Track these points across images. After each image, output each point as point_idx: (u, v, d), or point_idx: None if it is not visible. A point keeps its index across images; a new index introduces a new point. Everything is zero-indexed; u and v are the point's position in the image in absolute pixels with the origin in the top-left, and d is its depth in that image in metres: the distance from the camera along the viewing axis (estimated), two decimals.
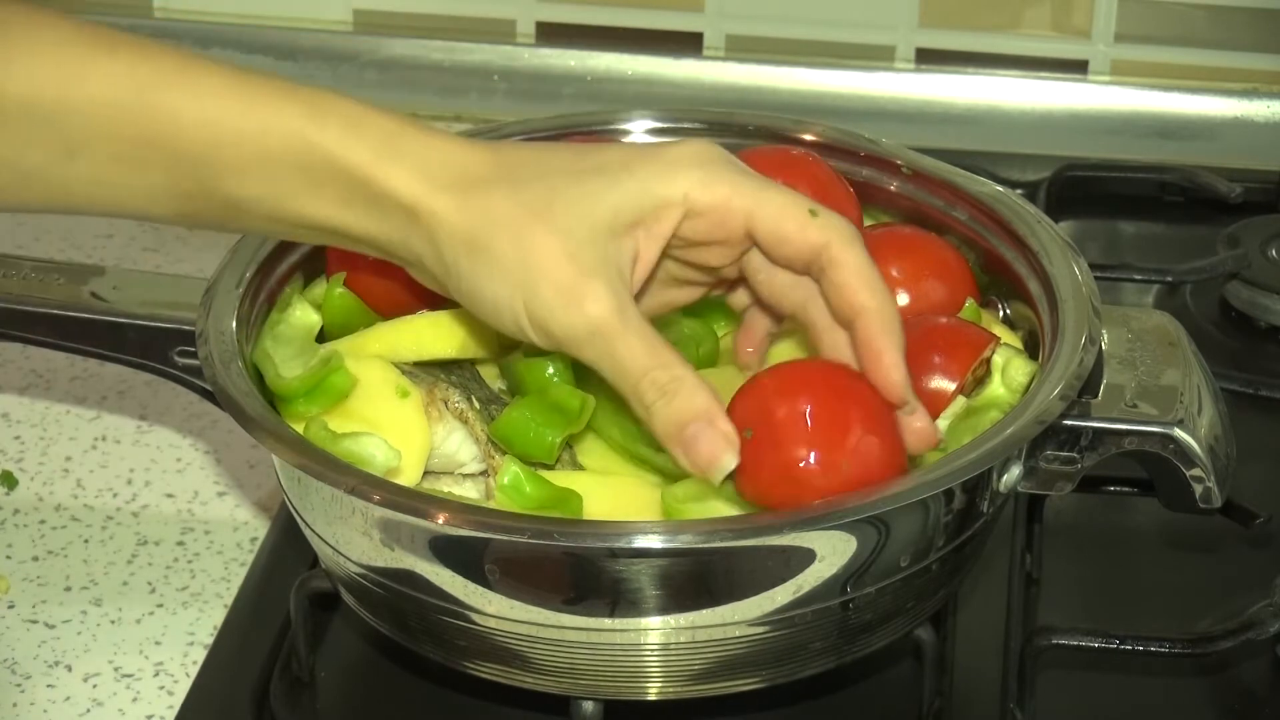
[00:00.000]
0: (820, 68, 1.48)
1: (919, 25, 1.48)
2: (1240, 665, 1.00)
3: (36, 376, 1.24)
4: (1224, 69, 1.46)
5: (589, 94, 1.49)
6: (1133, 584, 1.06)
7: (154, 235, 1.37)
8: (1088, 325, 0.95)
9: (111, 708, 1.01)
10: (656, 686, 0.92)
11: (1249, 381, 1.19)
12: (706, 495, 0.90)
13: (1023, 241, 1.02)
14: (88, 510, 1.14)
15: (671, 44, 1.50)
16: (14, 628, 1.06)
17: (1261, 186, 1.36)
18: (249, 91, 0.88)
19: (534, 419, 0.94)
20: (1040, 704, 0.97)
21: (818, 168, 1.06)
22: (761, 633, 0.89)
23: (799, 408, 0.88)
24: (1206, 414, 0.96)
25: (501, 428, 0.95)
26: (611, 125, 1.11)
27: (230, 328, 0.97)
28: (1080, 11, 1.46)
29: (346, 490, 0.89)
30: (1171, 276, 1.25)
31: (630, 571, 0.87)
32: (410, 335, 1.00)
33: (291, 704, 0.98)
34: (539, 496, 0.92)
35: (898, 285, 1.01)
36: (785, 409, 0.88)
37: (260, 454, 1.16)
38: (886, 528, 0.88)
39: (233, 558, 1.10)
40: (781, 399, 0.89)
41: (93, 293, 1.05)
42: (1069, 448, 0.94)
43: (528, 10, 1.52)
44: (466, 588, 0.89)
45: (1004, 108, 1.46)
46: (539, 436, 0.95)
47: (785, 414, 0.88)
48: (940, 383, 0.96)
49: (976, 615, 1.02)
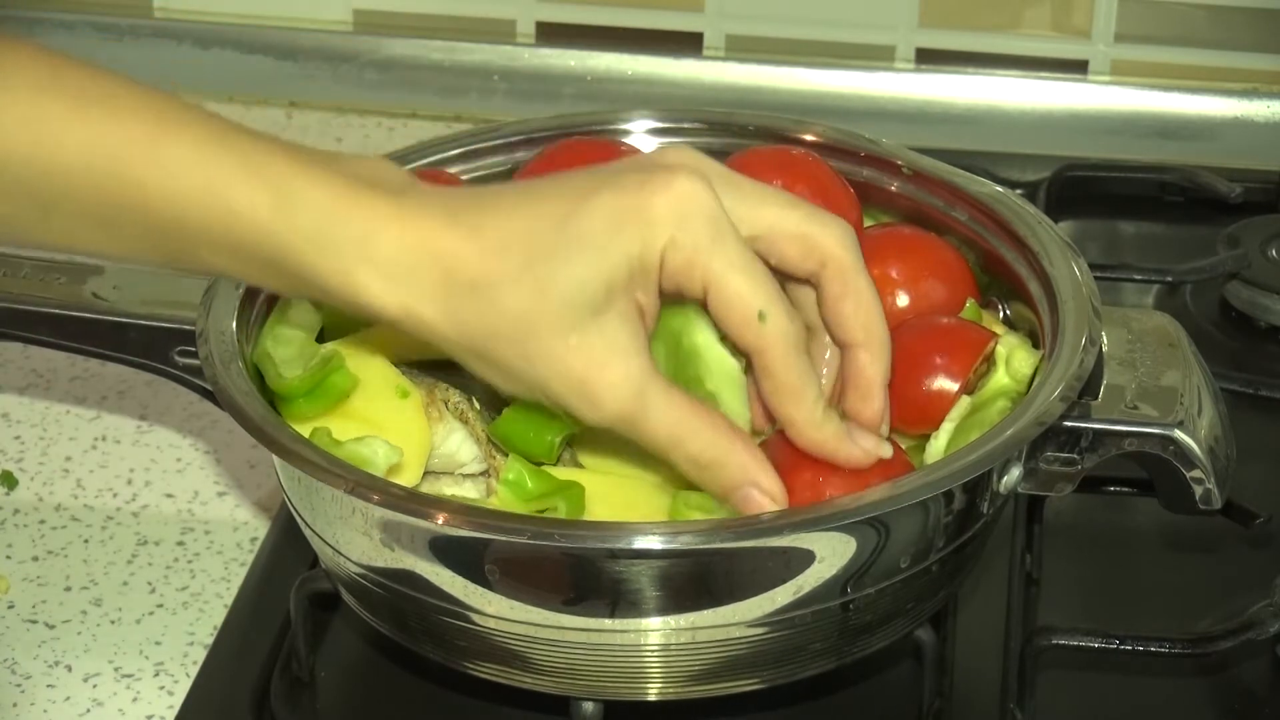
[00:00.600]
0: (820, 68, 1.48)
1: (919, 25, 1.48)
2: (1240, 665, 1.00)
3: (36, 376, 1.24)
4: (1224, 69, 1.46)
5: (589, 94, 1.48)
6: (1133, 584, 1.06)
7: None
8: (1088, 326, 0.95)
9: (111, 708, 1.01)
10: (656, 687, 0.92)
11: (1249, 381, 1.19)
12: (717, 508, 0.90)
13: (1023, 241, 1.02)
14: (88, 510, 1.14)
15: (671, 44, 1.50)
16: (14, 628, 1.06)
17: (1261, 186, 1.36)
18: (215, 169, 0.83)
19: (533, 419, 0.94)
20: (1040, 704, 0.97)
21: (818, 168, 1.06)
22: (761, 633, 0.89)
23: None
24: (1206, 415, 0.96)
25: (501, 427, 0.95)
26: (611, 125, 1.11)
27: (230, 328, 0.97)
28: (1080, 11, 1.46)
29: (346, 490, 0.89)
30: (1171, 276, 1.25)
31: (630, 572, 0.87)
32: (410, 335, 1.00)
33: (291, 704, 0.98)
34: (541, 490, 0.92)
35: (898, 285, 1.01)
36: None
37: (260, 454, 1.16)
38: (886, 529, 0.88)
39: (233, 558, 1.10)
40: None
41: (93, 293, 1.05)
42: (1069, 449, 0.94)
43: (528, 10, 1.52)
44: (466, 588, 0.89)
45: (1004, 108, 1.46)
46: (538, 436, 0.95)
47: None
48: (943, 383, 0.96)
49: (976, 615, 1.02)
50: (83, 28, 1.53)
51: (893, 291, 1.01)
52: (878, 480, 0.89)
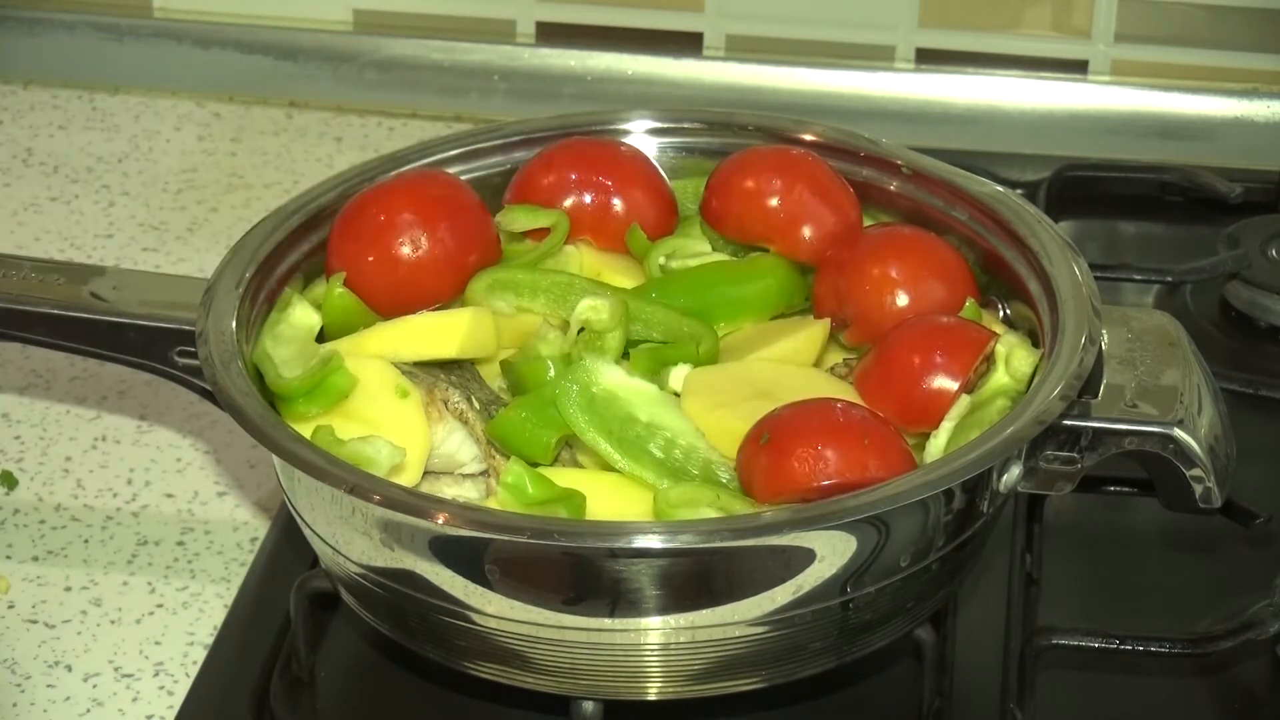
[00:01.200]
0: (820, 68, 1.48)
1: (919, 25, 1.48)
2: (1240, 665, 1.00)
3: (36, 376, 1.24)
4: (1224, 69, 1.46)
5: (589, 94, 1.48)
6: (1133, 584, 1.06)
7: (154, 235, 1.37)
8: (1088, 325, 0.95)
9: (111, 708, 1.01)
10: (656, 686, 0.92)
11: (1249, 381, 1.19)
12: (698, 501, 0.91)
13: (1023, 241, 1.02)
14: (88, 510, 1.14)
15: (671, 44, 1.50)
16: (14, 628, 1.06)
17: (1261, 186, 1.36)
18: None
19: (531, 419, 0.94)
20: (1040, 704, 0.97)
21: (818, 168, 1.06)
22: (761, 633, 0.89)
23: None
24: (1206, 414, 0.96)
25: (498, 427, 0.95)
26: (611, 125, 1.11)
27: (230, 328, 0.97)
28: (1080, 11, 1.46)
29: (346, 490, 0.89)
30: (1171, 276, 1.25)
31: (630, 572, 0.87)
32: (410, 335, 1.00)
33: (291, 704, 0.98)
34: (541, 496, 0.92)
35: (898, 285, 1.01)
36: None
37: (260, 454, 1.16)
38: (886, 527, 0.88)
39: (233, 558, 1.10)
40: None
41: (93, 293, 1.05)
42: (1069, 448, 0.94)
43: (528, 10, 1.52)
44: (466, 588, 0.89)
45: (1004, 108, 1.46)
46: (535, 436, 0.95)
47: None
48: (944, 382, 0.96)
49: (976, 615, 1.02)
50: (83, 28, 1.53)
51: (893, 291, 1.01)
52: (875, 462, 0.89)
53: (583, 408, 0.94)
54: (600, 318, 0.99)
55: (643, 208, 1.07)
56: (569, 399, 0.94)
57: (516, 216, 1.07)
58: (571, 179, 1.07)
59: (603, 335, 0.98)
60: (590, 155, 1.08)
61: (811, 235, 1.05)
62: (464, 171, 1.09)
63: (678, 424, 0.95)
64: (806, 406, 0.93)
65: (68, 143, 1.47)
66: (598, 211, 1.07)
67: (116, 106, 1.50)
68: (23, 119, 1.50)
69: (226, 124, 1.49)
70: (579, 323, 0.99)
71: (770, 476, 0.91)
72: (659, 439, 0.94)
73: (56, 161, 1.45)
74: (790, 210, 1.05)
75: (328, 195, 1.06)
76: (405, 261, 1.02)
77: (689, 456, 0.94)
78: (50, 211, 1.40)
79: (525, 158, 1.09)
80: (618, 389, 0.95)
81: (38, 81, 1.54)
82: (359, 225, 1.03)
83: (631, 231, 1.06)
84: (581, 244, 1.07)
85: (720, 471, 0.93)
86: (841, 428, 0.92)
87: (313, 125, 1.49)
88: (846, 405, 0.94)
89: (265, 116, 1.50)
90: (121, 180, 1.43)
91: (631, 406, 0.95)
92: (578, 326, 0.99)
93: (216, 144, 1.47)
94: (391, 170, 1.07)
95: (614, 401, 0.95)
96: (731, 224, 1.06)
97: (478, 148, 1.10)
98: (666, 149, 1.11)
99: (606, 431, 0.94)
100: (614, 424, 0.94)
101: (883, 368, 0.98)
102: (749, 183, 1.05)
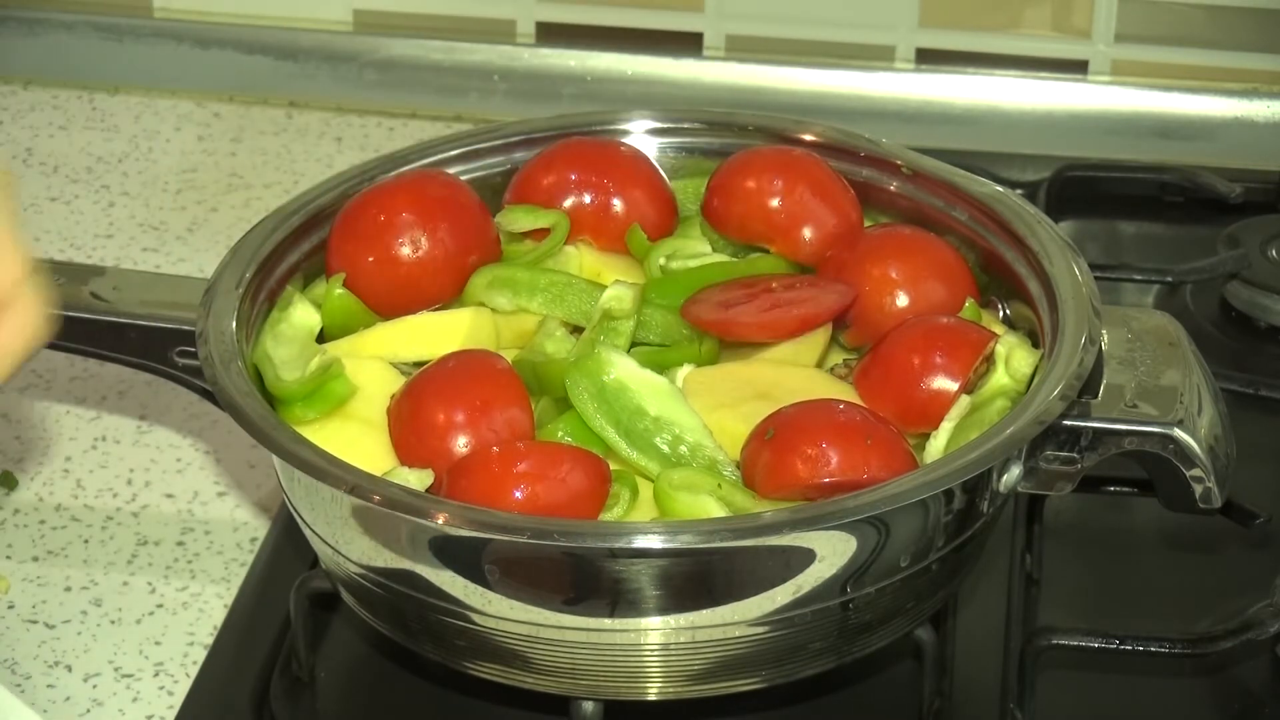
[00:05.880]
0: (820, 68, 1.48)
1: (919, 25, 1.48)
2: (1240, 665, 1.00)
3: (36, 376, 1.24)
4: (1224, 69, 1.46)
5: (589, 94, 1.48)
6: (1133, 584, 1.06)
7: (154, 235, 1.37)
8: (1088, 325, 0.95)
9: (111, 708, 1.01)
10: (656, 687, 0.92)
11: (1249, 381, 1.19)
12: (700, 487, 0.91)
13: (1023, 241, 1.02)
14: (88, 510, 1.14)
15: (671, 44, 1.50)
16: (14, 628, 1.06)
17: (1261, 186, 1.36)
18: None
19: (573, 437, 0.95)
20: (1040, 704, 0.97)
21: (818, 168, 1.06)
22: (761, 633, 0.89)
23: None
24: (1206, 414, 0.96)
25: None
26: (611, 125, 1.11)
27: (230, 328, 0.97)
28: (1080, 11, 1.46)
29: (346, 490, 0.89)
30: (1171, 276, 1.25)
31: (630, 572, 0.87)
32: (410, 335, 1.00)
33: (291, 704, 0.99)
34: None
35: (898, 285, 1.01)
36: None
37: (260, 454, 1.16)
38: (886, 528, 0.88)
39: (233, 558, 1.10)
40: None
41: (92, 293, 1.05)
42: (1069, 448, 0.94)
43: (528, 10, 1.52)
44: (466, 588, 0.89)
45: (1004, 108, 1.46)
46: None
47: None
48: (943, 382, 0.96)
49: (976, 615, 1.02)
50: (83, 28, 1.53)
51: (893, 291, 1.01)
52: (877, 463, 0.89)
53: (593, 395, 0.94)
54: (624, 306, 0.99)
55: (643, 208, 1.07)
56: (579, 387, 0.95)
57: (516, 217, 1.07)
58: (571, 179, 1.07)
59: (618, 323, 0.99)
60: (590, 155, 1.08)
61: (812, 236, 1.05)
62: (464, 171, 1.09)
63: (686, 420, 0.95)
64: (813, 405, 0.94)
65: (67, 143, 1.47)
66: (598, 212, 1.07)
67: (116, 106, 1.50)
68: (23, 119, 1.50)
69: (226, 124, 1.49)
70: (602, 311, 0.99)
71: (773, 472, 0.91)
72: (666, 433, 0.94)
73: (56, 161, 1.45)
74: (791, 211, 1.05)
75: (328, 195, 1.06)
76: (405, 261, 1.02)
77: (695, 453, 0.94)
78: (50, 211, 1.40)
79: (525, 158, 1.09)
80: (629, 380, 0.95)
81: (38, 81, 1.54)
82: (359, 225, 1.03)
83: (631, 232, 1.06)
84: (581, 244, 1.07)
85: (725, 470, 0.93)
86: (846, 427, 0.92)
87: (313, 125, 1.49)
88: (850, 406, 0.94)
89: (265, 116, 1.50)
90: (121, 180, 1.43)
91: (641, 399, 0.95)
92: (600, 314, 0.99)
93: (216, 144, 1.47)
94: (391, 170, 1.07)
95: (624, 392, 0.95)
96: (733, 224, 1.06)
97: (478, 148, 1.10)
98: (666, 149, 1.11)
99: (615, 421, 0.94)
100: (623, 415, 0.94)
101: (883, 368, 0.98)
102: (750, 183, 1.05)
